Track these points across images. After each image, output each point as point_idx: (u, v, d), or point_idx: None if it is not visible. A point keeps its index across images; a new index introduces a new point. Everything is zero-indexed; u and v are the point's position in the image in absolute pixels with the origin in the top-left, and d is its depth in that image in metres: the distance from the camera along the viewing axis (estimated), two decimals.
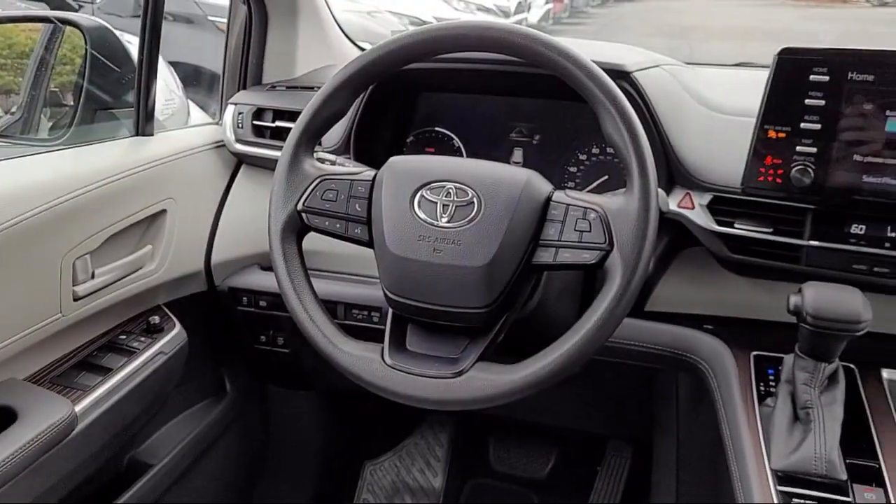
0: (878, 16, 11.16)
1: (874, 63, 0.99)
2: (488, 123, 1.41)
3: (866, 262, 1.04)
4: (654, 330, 1.21)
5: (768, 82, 1.02)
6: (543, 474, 1.90)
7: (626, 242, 0.88)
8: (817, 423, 0.95)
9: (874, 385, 1.07)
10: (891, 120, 0.99)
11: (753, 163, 1.04)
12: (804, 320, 0.94)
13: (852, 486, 0.92)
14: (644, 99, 1.15)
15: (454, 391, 0.88)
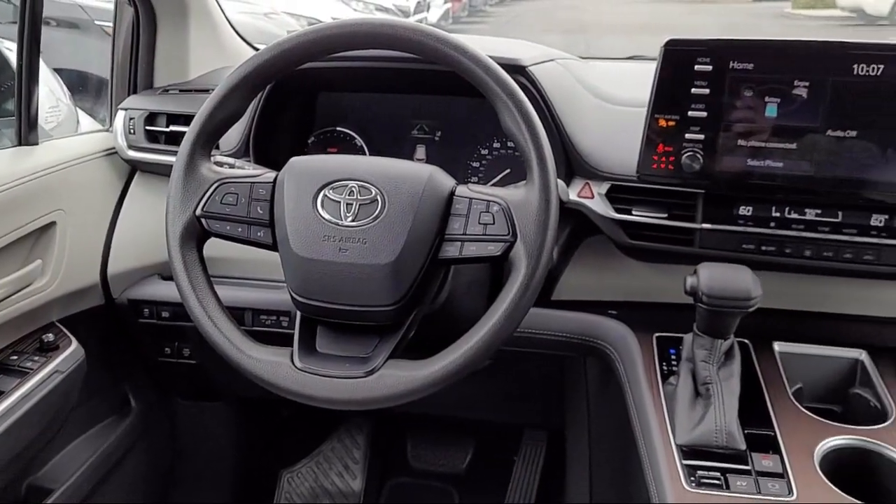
0: (758, 9, 11.76)
1: (753, 52, 1.04)
2: (390, 121, 1.41)
3: (754, 242, 1.09)
4: (561, 318, 1.24)
5: (656, 73, 1.06)
6: (462, 468, 1.91)
7: (529, 233, 0.89)
8: (717, 398, 0.99)
9: (767, 357, 1.13)
10: (770, 105, 1.04)
11: (646, 151, 1.08)
12: (700, 300, 0.98)
13: (751, 455, 0.96)
14: (540, 92, 1.17)
15: (366, 390, 0.88)
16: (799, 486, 0.92)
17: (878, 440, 0.98)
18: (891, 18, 10.97)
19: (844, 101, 1.02)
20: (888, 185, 1.03)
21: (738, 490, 0.92)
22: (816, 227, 1.08)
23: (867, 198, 1.05)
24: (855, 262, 1.07)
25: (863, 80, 1.01)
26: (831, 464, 0.97)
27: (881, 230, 1.06)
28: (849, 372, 1.14)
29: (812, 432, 1.00)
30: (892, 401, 1.05)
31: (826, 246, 1.07)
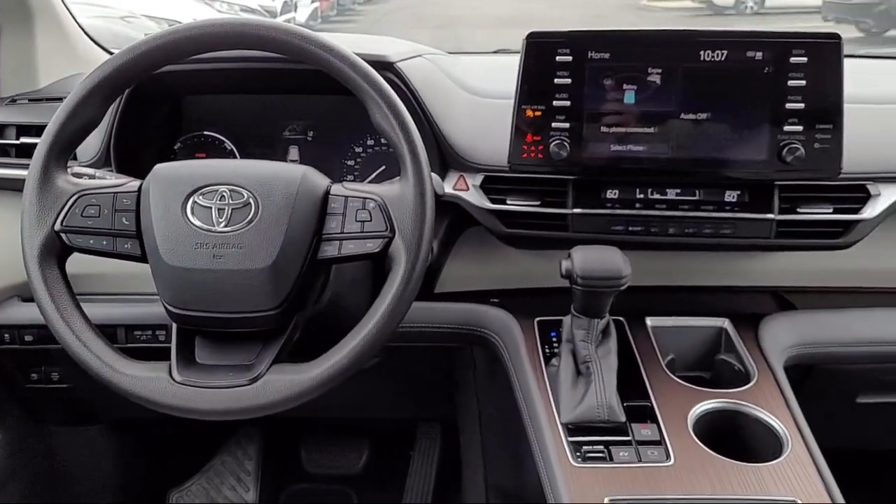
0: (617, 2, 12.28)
1: (609, 42, 1.08)
2: (260, 123, 1.38)
3: (622, 223, 1.14)
4: (444, 310, 1.26)
5: (520, 66, 1.09)
6: (358, 468, 1.91)
7: (407, 228, 0.90)
8: (596, 375, 1.03)
9: (641, 333, 1.19)
10: (628, 92, 1.09)
11: (516, 141, 1.11)
12: (575, 282, 1.02)
13: (631, 426, 1.01)
14: (409, 88, 1.18)
15: (251, 398, 0.86)
16: (675, 451, 0.97)
17: (743, 401, 1.06)
18: (737, 9, 11.73)
19: (695, 85, 1.08)
20: (740, 162, 1.10)
21: (621, 460, 0.96)
22: (678, 206, 1.14)
23: (722, 175, 1.12)
24: (714, 236, 1.14)
25: (710, 66, 1.08)
26: (703, 427, 1.03)
27: (735, 205, 1.13)
28: (714, 340, 1.22)
29: (684, 399, 1.06)
30: (753, 364, 1.12)
31: (687, 223, 1.14)
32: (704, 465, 0.95)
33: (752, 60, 1.07)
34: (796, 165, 1.08)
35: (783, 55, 1.07)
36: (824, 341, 1.21)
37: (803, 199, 1.14)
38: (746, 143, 1.09)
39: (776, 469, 0.95)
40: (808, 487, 0.93)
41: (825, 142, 1.08)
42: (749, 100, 1.08)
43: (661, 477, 0.94)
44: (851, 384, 1.32)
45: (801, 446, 0.99)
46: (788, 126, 1.08)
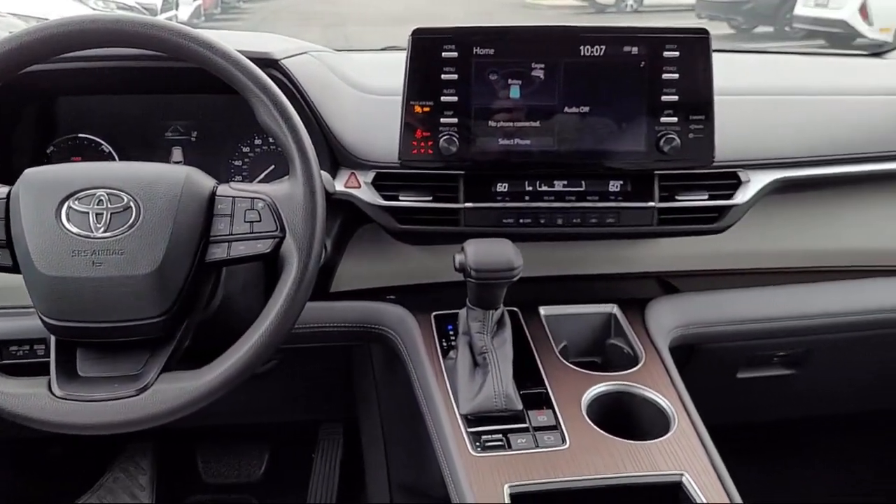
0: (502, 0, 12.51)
1: (493, 38, 1.10)
2: (140, 124, 1.32)
3: (513, 216, 1.17)
4: (340, 309, 1.25)
5: (407, 62, 1.10)
6: (259, 475, 1.86)
7: (298, 227, 0.89)
8: (493, 365, 1.05)
9: (535, 322, 1.22)
10: (513, 87, 1.11)
11: (406, 137, 1.11)
12: (469, 275, 1.03)
13: (528, 413, 1.03)
14: (296, 85, 1.16)
15: (140, 408, 0.83)
16: (571, 435, 1.00)
17: (632, 382, 1.10)
18: (618, 7, 12.18)
19: (576, 80, 1.12)
20: (621, 153, 1.14)
21: (519, 447, 0.98)
22: (565, 197, 1.17)
23: (605, 166, 1.16)
24: (600, 225, 1.18)
25: (589, 61, 1.11)
26: (596, 409, 1.07)
27: (618, 195, 1.18)
28: (604, 325, 1.26)
29: (578, 384, 1.09)
30: (640, 347, 1.17)
31: (574, 213, 1.17)
32: (598, 447, 0.99)
33: (628, 55, 1.11)
34: (673, 155, 1.13)
35: (657, 50, 1.11)
36: (705, 322, 1.27)
37: (681, 187, 1.20)
38: (627, 135, 1.14)
39: (664, 445, 1.00)
40: (694, 461, 0.98)
41: (699, 132, 1.14)
42: (627, 93, 1.12)
43: (557, 461, 0.96)
44: (731, 361, 1.39)
45: (687, 422, 1.04)
46: (664, 118, 1.13)
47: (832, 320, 1.32)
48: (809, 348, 1.38)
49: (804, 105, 1.37)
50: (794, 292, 1.35)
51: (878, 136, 1.33)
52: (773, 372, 1.43)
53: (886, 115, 1.37)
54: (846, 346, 1.38)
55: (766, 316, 1.30)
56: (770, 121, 1.33)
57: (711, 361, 1.36)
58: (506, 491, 0.92)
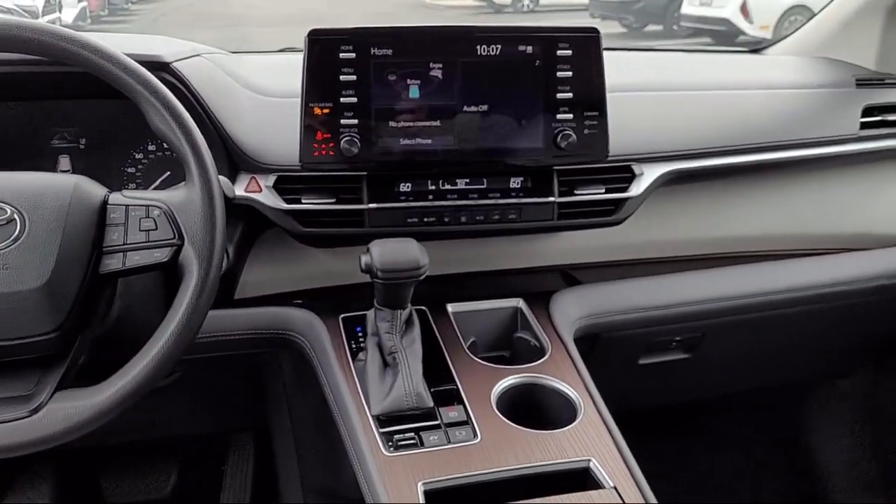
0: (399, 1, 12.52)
1: (391, 38, 1.11)
2: (23, 133, 1.25)
3: (417, 215, 1.17)
4: (246, 316, 1.22)
5: (304, 63, 1.09)
6: (167, 491, 1.80)
7: (197, 234, 0.87)
8: (403, 365, 1.05)
9: (443, 319, 1.23)
10: (412, 87, 1.12)
11: (306, 140, 1.10)
12: (375, 276, 1.03)
13: (439, 410, 1.04)
14: (189, 88, 1.13)
15: (33, 430, 0.79)
16: (482, 429, 1.02)
17: (539, 374, 1.13)
18: (514, 6, 12.40)
19: (473, 79, 1.13)
20: (520, 150, 1.17)
21: (432, 444, 0.99)
22: (467, 195, 1.18)
23: (506, 163, 1.18)
24: (502, 221, 1.20)
25: (486, 60, 1.13)
26: (506, 402, 1.09)
27: (519, 191, 1.20)
28: (511, 320, 1.29)
29: (487, 379, 1.11)
30: (546, 339, 1.20)
31: (477, 211, 1.19)
32: (509, 439, 1.01)
33: (523, 54, 1.14)
34: (570, 151, 1.16)
35: (551, 49, 1.14)
36: (606, 311, 1.32)
37: (579, 182, 1.24)
38: (525, 132, 1.16)
39: (572, 433, 1.02)
40: (600, 446, 1.01)
41: (593, 128, 1.17)
42: (524, 91, 1.15)
43: (469, 456, 0.98)
44: (633, 348, 1.45)
45: (593, 410, 1.07)
46: (560, 114, 1.16)
47: (723, 304, 1.39)
48: (704, 332, 1.45)
49: (691, 100, 1.44)
50: (688, 279, 1.41)
51: (758, 128, 1.40)
52: (672, 357, 1.50)
53: (765, 108, 1.45)
54: (737, 328, 1.45)
55: (663, 303, 1.36)
56: (660, 116, 1.39)
57: (614, 350, 1.41)
58: (420, 489, 0.93)
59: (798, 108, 1.48)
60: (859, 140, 1.47)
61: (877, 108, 1.50)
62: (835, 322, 1.56)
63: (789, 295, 1.42)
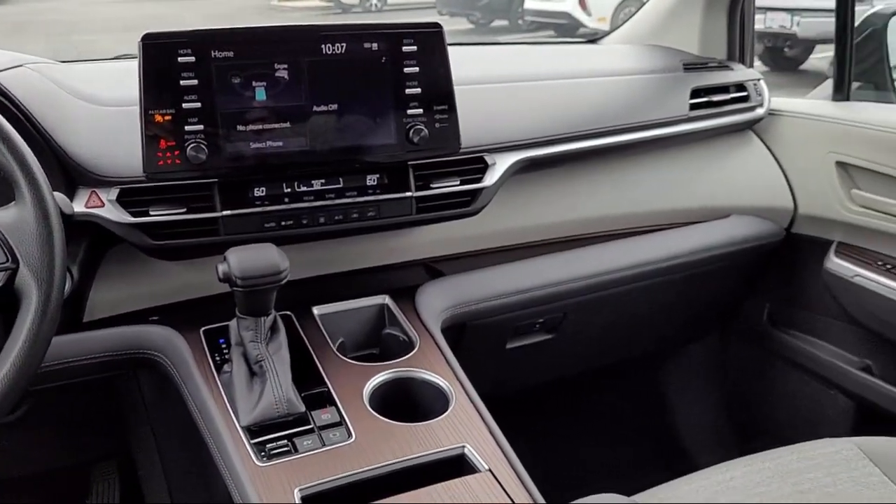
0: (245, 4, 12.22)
1: (231, 40, 1.08)
2: None
3: (274, 220, 1.15)
4: (97, 338, 1.16)
5: (140, 70, 1.04)
6: None
7: (33, 256, 0.81)
8: (271, 372, 1.03)
9: (310, 323, 1.21)
10: (258, 89, 1.10)
11: (149, 149, 1.05)
12: (235, 284, 1.01)
13: (311, 414, 1.03)
14: (12, 101, 1.06)
15: None
16: (356, 428, 1.01)
17: (410, 367, 1.14)
18: (363, 6, 12.39)
19: (321, 78, 1.12)
20: (374, 147, 1.17)
21: (306, 449, 0.98)
22: (324, 196, 1.17)
23: (361, 161, 1.18)
24: (361, 219, 1.20)
25: (332, 59, 1.12)
26: (379, 399, 1.09)
27: (377, 188, 1.20)
28: (379, 317, 1.29)
29: (358, 378, 1.11)
30: (415, 332, 1.21)
31: (335, 210, 1.18)
32: (384, 435, 1.01)
33: (369, 51, 1.14)
34: (423, 145, 1.18)
35: (396, 45, 1.15)
36: (471, 300, 1.35)
37: (434, 175, 1.26)
38: (378, 129, 1.16)
39: (445, 422, 1.04)
40: (474, 432, 1.03)
41: (444, 121, 1.19)
42: (373, 88, 1.15)
43: (345, 456, 0.97)
44: (499, 333, 1.49)
45: (464, 397, 1.09)
46: (411, 110, 1.17)
47: (579, 284, 1.45)
48: (565, 312, 1.51)
49: (537, 90, 1.49)
50: (545, 263, 1.46)
51: (599, 114, 1.48)
52: (537, 338, 1.55)
53: (604, 95, 1.53)
54: (595, 305, 1.52)
55: (524, 287, 1.40)
56: (508, 107, 1.43)
57: (481, 337, 1.44)
58: (296, 495, 0.92)
59: (634, 93, 1.57)
60: (689, 120, 1.58)
61: (703, 90, 1.62)
62: (681, 292, 1.67)
63: (638, 270, 1.51)
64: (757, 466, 1.16)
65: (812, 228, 1.68)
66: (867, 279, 1.54)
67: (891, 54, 1.72)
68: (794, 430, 1.35)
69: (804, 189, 1.67)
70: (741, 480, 1.13)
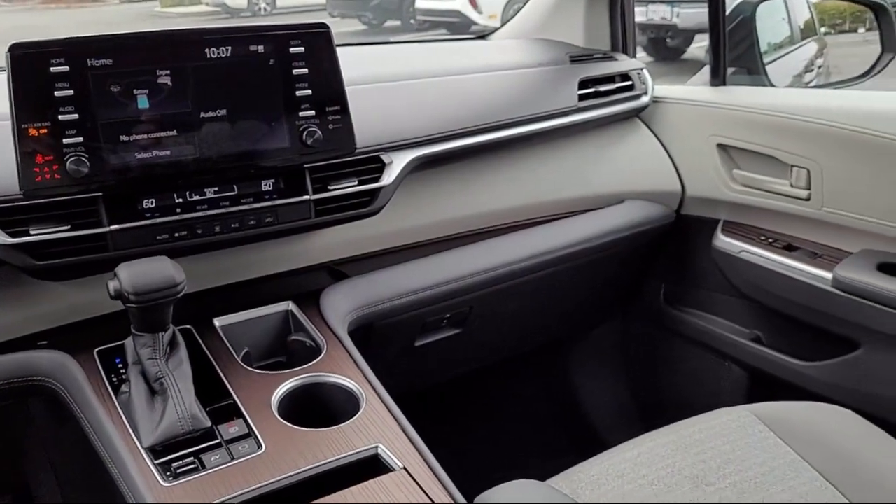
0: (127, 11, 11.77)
1: (108, 48, 1.03)
2: None
3: (167, 231, 1.11)
4: None
5: (9, 81, 0.98)
6: None
7: None
8: (172, 389, 1.00)
9: (211, 335, 1.18)
10: (141, 98, 1.05)
11: (25, 164, 1.00)
12: (128, 300, 0.97)
13: (217, 428, 1.00)
14: None
15: None
16: (265, 438, 0.99)
17: (318, 372, 1.12)
18: (251, 10, 12.13)
19: (207, 84, 1.09)
20: (268, 152, 1.14)
21: (214, 465, 0.95)
22: (219, 204, 1.14)
23: (256, 166, 1.15)
24: (259, 226, 1.17)
25: (217, 63, 1.10)
26: (289, 407, 1.07)
27: (273, 193, 1.18)
28: (283, 323, 1.27)
29: (265, 387, 1.08)
30: (321, 336, 1.20)
31: (231, 218, 1.15)
32: (295, 443, 0.99)
33: (256, 54, 1.12)
34: (317, 147, 1.16)
35: (283, 47, 1.13)
36: (376, 300, 1.34)
37: (332, 177, 1.24)
38: (270, 133, 1.14)
39: (357, 424, 1.03)
40: (387, 432, 1.03)
41: (337, 122, 1.18)
42: (262, 92, 1.13)
43: (256, 468, 0.95)
44: (407, 332, 1.49)
45: (375, 398, 1.09)
46: (303, 112, 1.15)
47: (483, 277, 1.47)
48: (471, 306, 1.53)
49: (430, 88, 1.50)
50: (449, 258, 1.47)
51: (492, 108, 1.50)
52: (445, 334, 1.56)
53: (496, 89, 1.55)
54: (499, 297, 1.54)
55: (429, 284, 1.41)
56: (403, 105, 1.44)
57: (389, 336, 1.44)
58: None
59: (524, 86, 1.60)
60: (579, 111, 1.63)
61: (590, 81, 1.67)
62: (582, 278, 1.72)
63: (538, 259, 1.54)
64: (662, 441, 1.21)
65: (700, 209, 1.76)
66: (752, 254, 1.62)
67: (760, 40, 1.82)
68: (695, 403, 1.41)
69: (690, 172, 1.75)
70: (647, 456, 1.18)
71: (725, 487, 1.11)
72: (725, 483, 1.12)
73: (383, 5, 11.07)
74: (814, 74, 2.76)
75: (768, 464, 1.16)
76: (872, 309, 1.39)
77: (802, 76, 2.64)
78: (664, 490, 1.11)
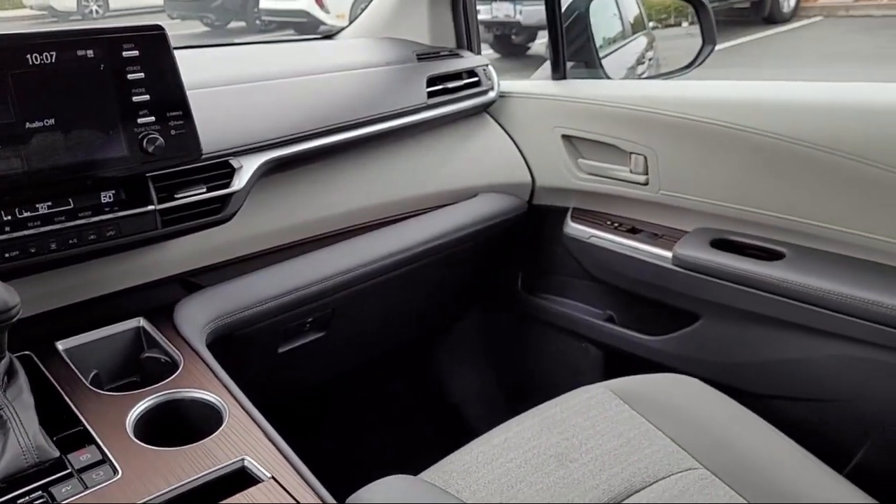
0: None
1: None
2: None
3: None
4: None
5: None
6: None
7: None
8: (13, 421, 0.92)
9: (55, 360, 1.11)
10: None
11: None
12: None
13: (67, 458, 0.94)
14: None
15: None
16: (121, 463, 0.94)
17: (175, 388, 1.08)
18: (81, 12, 11.40)
19: (31, 92, 1.02)
20: (105, 161, 1.08)
21: (66, 496, 0.89)
22: (53, 219, 1.07)
23: (93, 178, 1.09)
24: (100, 240, 1.11)
25: (42, 70, 1.03)
26: (146, 427, 1.02)
27: (113, 205, 1.12)
28: (135, 341, 1.21)
29: (119, 409, 1.03)
30: (177, 352, 1.15)
31: (68, 234, 1.08)
32: (155, 465, 0.95)
33: (84, 59, 1.06)
34: (160, 155, 1.11)
35: (115, 51, 1.08)
36: (234, 310, 1.30)
37: (178, 185, 1.20)
38: (106, 142, 1.08)
39: (220, 438, 1.00)
40: (253, 443, 1.00)
41: (180, 127, 1.14)
42: (93, 99, 1.07)
43: (113, 495, 0.90)
44: (269, 339, 1.45)
45: (239, 410, 1.06)
46: (141, 118, 1.10)
47: (343, 278, 1.46)
48: (333, 308, 1.52)
49: (277, 89, 1.47)
50: (307, 261, 1.45)
51: (342, 108, 1.50)
52: (309, 338, 1.54)
53: (345, 89, 1.55)
54: (361, 296, 1.54)
55: (287, 289, 1.38)
56: (250, 107, 1.40)
57: (250, 345, 1.40)
58: None
59: (373, 85, 1.60)
60: (429, 108, 1.65)
61: (438, 78, 1.70)
62: (441, 273, 1.74)
63: (396, 258, 1.55)
64: (527, 423, 1.25)
65: (550, 198, 1.83)
66: (600, 238, 1.71)
67: (595, 35, 1.91)
68: (558, 384, 1.47)
69: (539, 163, 1.82)
70: (515, 439, 1.22)
71: (588, 462, 1.17)
72: (588, 458, 1.18)
73: (226, 6, 10.72)
74: (645, 66, 2.93)
75: (625, 435, 1.22)
76: (708, 282, 1.50)
77: (635, 68, 2.80)
78: (531, 471, 1.15)
